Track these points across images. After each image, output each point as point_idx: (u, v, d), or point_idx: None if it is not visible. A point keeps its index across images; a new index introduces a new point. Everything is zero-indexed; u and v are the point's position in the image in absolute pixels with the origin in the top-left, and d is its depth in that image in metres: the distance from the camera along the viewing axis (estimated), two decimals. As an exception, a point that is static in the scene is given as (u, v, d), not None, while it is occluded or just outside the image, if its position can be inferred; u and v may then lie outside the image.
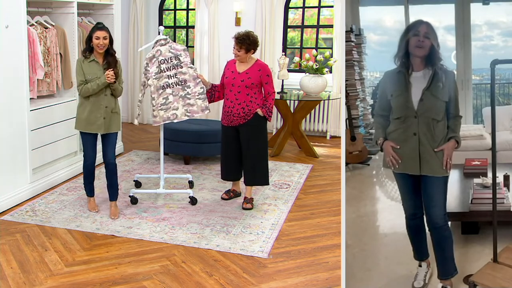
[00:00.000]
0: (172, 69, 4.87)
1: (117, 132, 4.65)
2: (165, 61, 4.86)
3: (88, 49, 4.48)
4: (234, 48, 4.77)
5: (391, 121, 3.03)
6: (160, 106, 4.86)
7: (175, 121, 4.91)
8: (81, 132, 4.61)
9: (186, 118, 4.91)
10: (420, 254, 3.19)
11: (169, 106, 4.86)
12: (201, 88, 4.91)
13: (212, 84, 5.03)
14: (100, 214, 4.71)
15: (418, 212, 3.10)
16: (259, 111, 4.78)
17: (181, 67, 4.88)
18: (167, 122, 4.91)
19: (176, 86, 4.87)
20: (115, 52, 4.56)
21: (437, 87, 2.88)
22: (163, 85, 4.85)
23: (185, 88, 4.88)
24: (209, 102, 4.99)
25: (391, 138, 3.03)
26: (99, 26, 4.43)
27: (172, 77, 4.87)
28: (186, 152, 6.37)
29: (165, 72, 4.86)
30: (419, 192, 3.05)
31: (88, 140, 4.59)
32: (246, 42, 4.71)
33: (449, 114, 2.95)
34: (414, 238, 3.18)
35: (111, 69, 4.41)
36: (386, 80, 3.09)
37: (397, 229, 3.36)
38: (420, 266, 3.18)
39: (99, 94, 4.46)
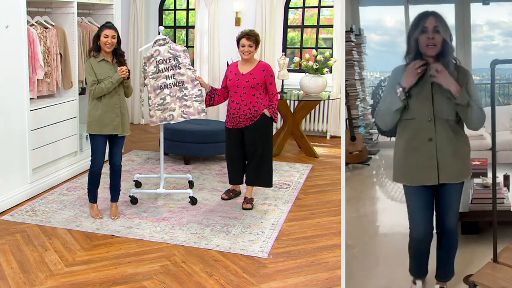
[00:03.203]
0: (170, 69, 4.86)
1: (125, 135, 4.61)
2: (164, 61, 4.86)
3: (94, 48, 4.41)
4: (244, 46, 4.71)
5: (403, 123, 2.75)
6: (157, 106, 4.86)
7: (172, 122, 4.91)
8: (92, 135, 4.48)
9: (183, 119, 4.91)
10: (418, 271, 2.94)
11: (166, 107, 4.86)
12: (198, 90, 4.90)
13: (212, 87, 5.00)
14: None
15: (427, 237, 2.81)
16: (266, 112, 4.76)
17: (180, 68, 4.87)
18: (163, 122, 4.92)
19: (174, 87, 4.86)
20: (123, 53, 4.52)
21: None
22: (161, 85, 4.85)
23: (183, 89, 4.87)
24: (209, 105, 4.98)
25: (403, 142, 2.76)
26: (108, 25, 4.38)
27: (170, 78, 4.86)
28: (186, 152, 6.37)
29: (163, 72, 4.85)
30: (432, 207, 2.80)
31: (100, 143, 4.47)
32: (256, 37, 4.73)
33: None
34: (417, 259, 2.93)
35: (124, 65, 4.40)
36: (396, 77, 2.73)
37: (397, 229, 3.35)
38: (414, 283, 2.88)
39: (112, 94, 4.40)
